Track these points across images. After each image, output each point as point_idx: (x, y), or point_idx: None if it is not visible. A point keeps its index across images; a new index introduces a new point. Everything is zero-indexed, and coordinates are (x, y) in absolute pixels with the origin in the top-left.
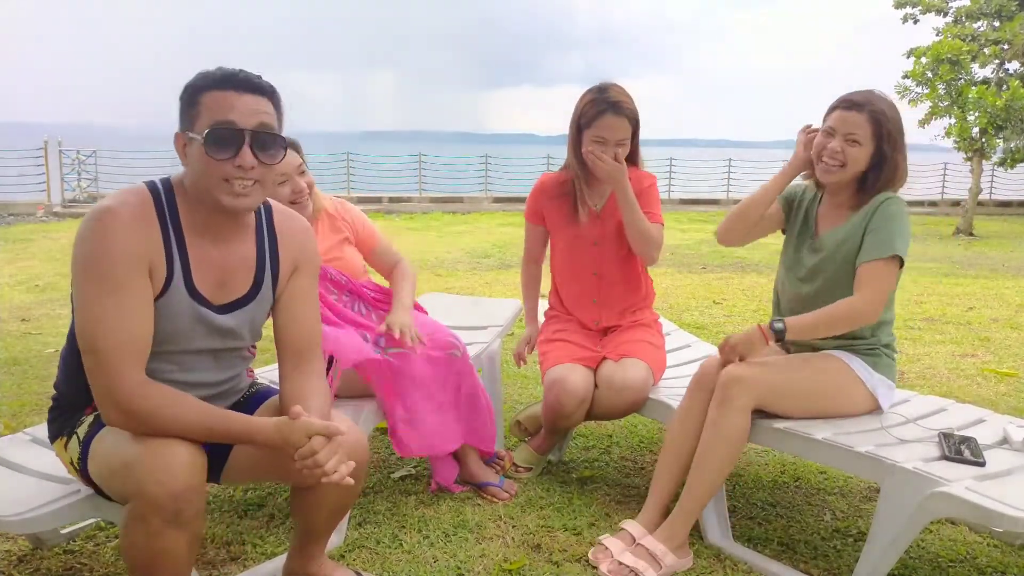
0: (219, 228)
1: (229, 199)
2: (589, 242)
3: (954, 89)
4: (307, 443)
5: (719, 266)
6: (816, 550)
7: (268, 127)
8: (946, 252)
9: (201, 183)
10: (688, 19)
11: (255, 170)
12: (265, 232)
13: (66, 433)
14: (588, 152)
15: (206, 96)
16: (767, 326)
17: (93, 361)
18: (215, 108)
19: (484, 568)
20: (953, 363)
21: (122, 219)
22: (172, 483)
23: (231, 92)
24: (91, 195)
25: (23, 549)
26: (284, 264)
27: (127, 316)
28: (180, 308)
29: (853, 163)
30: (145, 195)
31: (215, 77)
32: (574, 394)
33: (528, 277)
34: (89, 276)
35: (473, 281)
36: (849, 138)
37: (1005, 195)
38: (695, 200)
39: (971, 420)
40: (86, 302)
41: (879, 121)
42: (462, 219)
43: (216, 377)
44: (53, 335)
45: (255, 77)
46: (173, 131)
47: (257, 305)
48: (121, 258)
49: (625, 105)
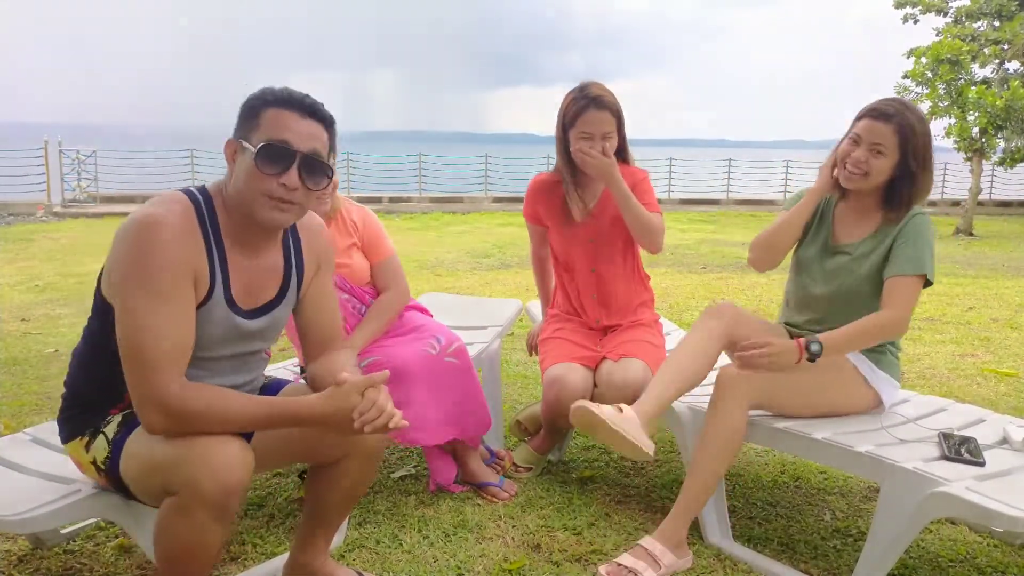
0: (254, 238)
1: (266, 213)
2: (585, 240)
3: (954, 89)
4: (361, 400)
5: (719, 266)
6: (816, 550)
7: (319, 154)
8: (946, 252)
9: (244, 193)
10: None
11: (298, 192)
12: (290, 238)
13: (88, 433)
14: (576, 150)
15: (267, 111)
16: (804, 344)
17: (137, 369)
18: (273, 125)
19: (484, 568)
20: (953, 363)
21: (172, 228)
22: (228, 478)
23: (292, 113)
24: (91, 195)
25: (23, 549)
26: (308, 267)
27: (174, 325)
28: (218, 316)
29: (876, 173)
30: (187, 204)
31: (280, 96)
32: (573, 393)
33: (539, 273)
34: (138, 285)
35: (473, 281)
36: (874, 148)
37: (1005, 195)
38: (695, 200)
39: (971, 420)
40: (133, 310)
41: (906, 134)
42: (462, 219)
43: (239, 380)
44: (53, 335)
45: (318, 104)
46: (176, 132)
47: (282, 309)
48: (171, 268)
49: (606, 99)
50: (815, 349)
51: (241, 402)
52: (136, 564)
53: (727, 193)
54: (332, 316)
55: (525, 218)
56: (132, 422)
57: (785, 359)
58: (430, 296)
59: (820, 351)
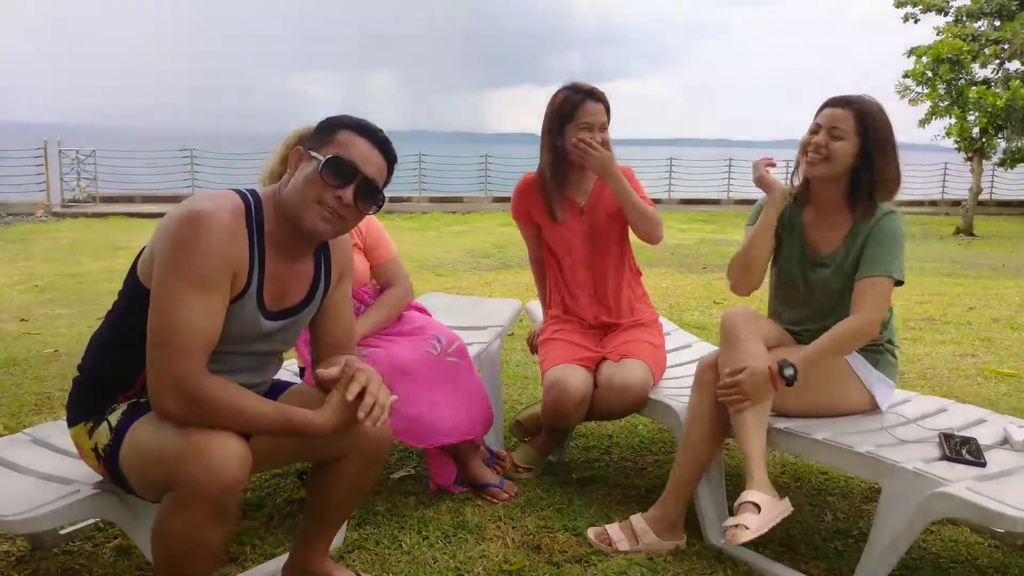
0: (294, 245)
1: (314, 221)
2: (579, 236)
3: (954, 89)
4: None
5: (719, 266)
6: (817, 551)
7: (376, 182)
8: (946, 252)
9: (298, 198)
10: (688, 18)
11: (348, 209)
12: (322, 248)
13: (93, 419)
14: (578, 141)
15: (344, 133)
16: (777, 370)
17: (163, 351)
18: (346, 145)
19: (484, 569)
20: (953, 363)
21: (221, 224)
22: (225, 475)
23: (366, 140)
24: (90, 195)
25: (22, 549)
26: (335, 275)
27: (207, 316)
28: (246, 314)
29: (838, 157)
30: (238, 204)
31: (359, 123)
32: (573, 394)
33: (539, 276)
34: (180, 271)
35: (473, 281)
36: (833, 132)
37: (1005, 195)
38: (695, 200)
39: (972, 420)
40: (171, 297)
41: (864, 118)
42: (462, 219)
43: (254, 380)
44: (52, 335)
45: (389, 142)
46: (179, 132)
47: (306, 314)
48: (216, 261)
49: (598, 93)
50: (789, 374)
51: (256, 402)
52: (135, 565)
53: (727, 193)
54: (347, 325)
55: (516, 219)
56: (136, 411)
57: (763, 388)
58: (430, 296)
59: (795, 375)
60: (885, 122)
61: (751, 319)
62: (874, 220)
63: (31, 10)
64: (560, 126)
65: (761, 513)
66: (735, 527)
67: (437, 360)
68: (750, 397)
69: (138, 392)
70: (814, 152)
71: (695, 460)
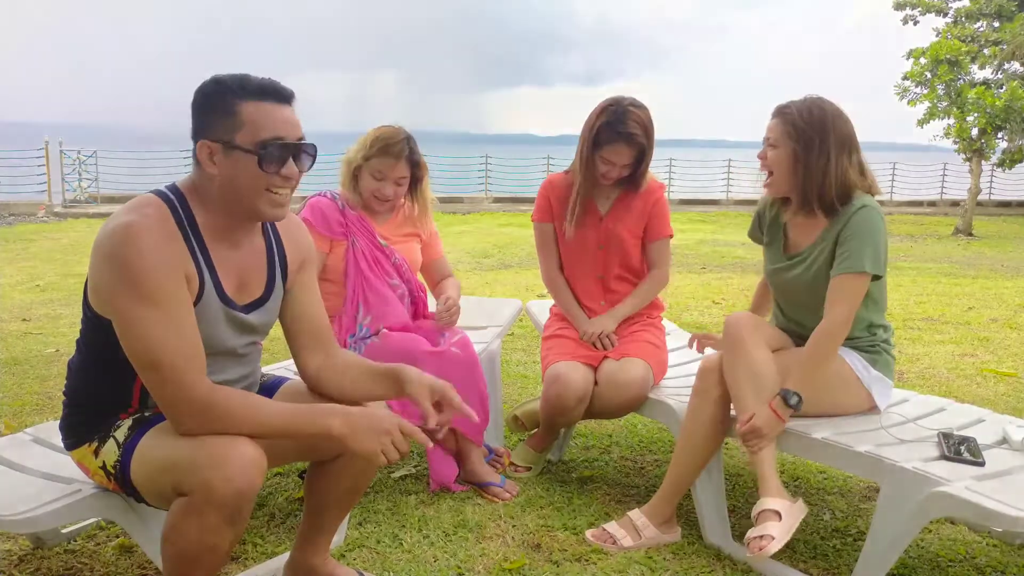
0: (237, 232)
1: (269, 208)
2: (595, 245)
3: (953, 90)
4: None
5: (719, 266)
6: (815, 550)
7: (304, 137)
8: (946, 252)
9: (240, 192)
10: (688, 19)
11: (296, 178)
12: (268, 229)
13: (97, 439)
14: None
15: (246, 107)
16: (780, 403)
17: (156, 376)
18: (261, 122)
19: (484, 568)
20: (952, 363)
21: (152, 233)
22: (240, 480)
23: (272, 105)
24: (92, 195)
25: (23, 549)
26: (292, 259)
27: (179, 327)
28: (213, 312)
29: (775, 166)
30: (161, 206)
31: (252, 88)
32: (574, 391)
33: (555, 292)
34: (131, 297)
35: (473, 281)
36: (768, 142)
37: (1004, 195)
38: (695, 200)
39: (970, 420)
40: (134, 321)
41: (791, 122)
42: (462, 219)
43: (240, 373)
44: (54, 335)
45: (281, 86)
46: (177, 132)
47: (274, 301)
48: (161, 272)
49: (637, 138)
50: (794, 402)
51: (267, 402)
52: (137, 564)
53: (727, 193)
54: (319, 312)
55: (535, 218)
56: (143, 425)
57: (774, 428)
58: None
59: (800, 402)
60: (817, 120)
61: (756, 326)
62: (847, 215)
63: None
64: (591, 146)
65: (783, 520)
66: (759, 538)
67: (442, 351)
68: (767, 436)
69: (139, 408)
70: (761, 168)
71: (694, 460)
